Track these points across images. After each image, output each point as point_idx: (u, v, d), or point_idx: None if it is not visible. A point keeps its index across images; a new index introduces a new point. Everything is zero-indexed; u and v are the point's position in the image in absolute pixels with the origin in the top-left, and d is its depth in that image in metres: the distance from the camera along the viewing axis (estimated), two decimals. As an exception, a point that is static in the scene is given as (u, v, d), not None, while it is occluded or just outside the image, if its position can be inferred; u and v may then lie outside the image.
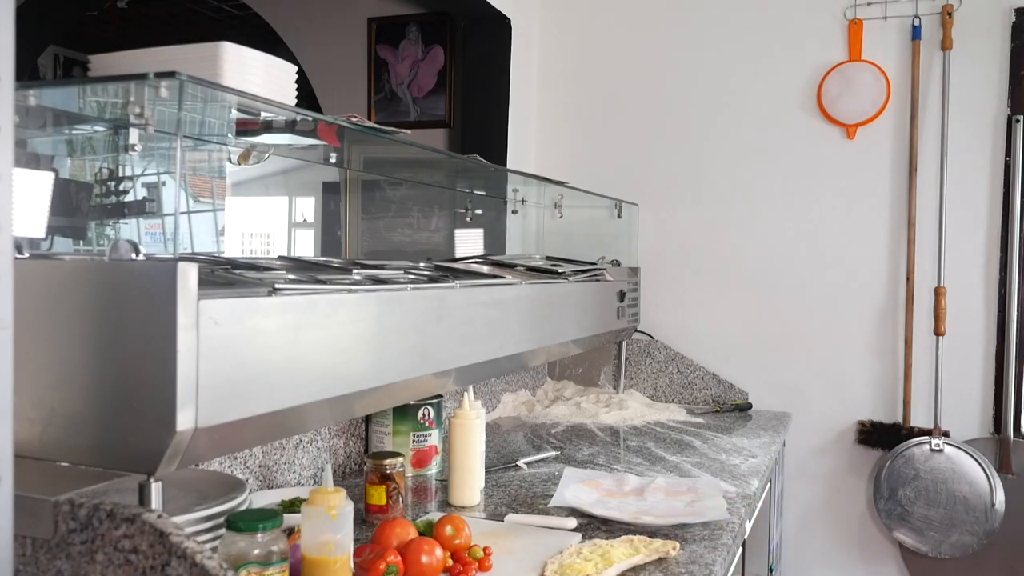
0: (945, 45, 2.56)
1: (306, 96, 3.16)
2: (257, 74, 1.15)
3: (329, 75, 3.27)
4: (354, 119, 1.34)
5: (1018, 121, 2.51)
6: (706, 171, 2.87)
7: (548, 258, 2.44)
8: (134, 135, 1.14)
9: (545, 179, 2.39)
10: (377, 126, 1.41)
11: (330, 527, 1.03)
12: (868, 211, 2.69)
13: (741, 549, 1.86)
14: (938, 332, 2.56)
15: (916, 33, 2.60)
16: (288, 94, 1.25)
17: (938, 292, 2.57)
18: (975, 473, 2.48)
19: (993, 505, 2.45)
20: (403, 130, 1.45)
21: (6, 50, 0.77)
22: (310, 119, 1.39)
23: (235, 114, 1.37)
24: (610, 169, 2.96)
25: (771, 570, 2.43)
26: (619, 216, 2.84)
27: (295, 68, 1.26)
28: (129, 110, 1.05)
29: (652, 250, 2.91)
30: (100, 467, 0.93)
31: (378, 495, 1.52)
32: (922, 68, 2.60)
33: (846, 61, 2.68)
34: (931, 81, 2.60)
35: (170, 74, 0.94)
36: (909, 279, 2.61)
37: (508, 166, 2.73)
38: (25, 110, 1.15)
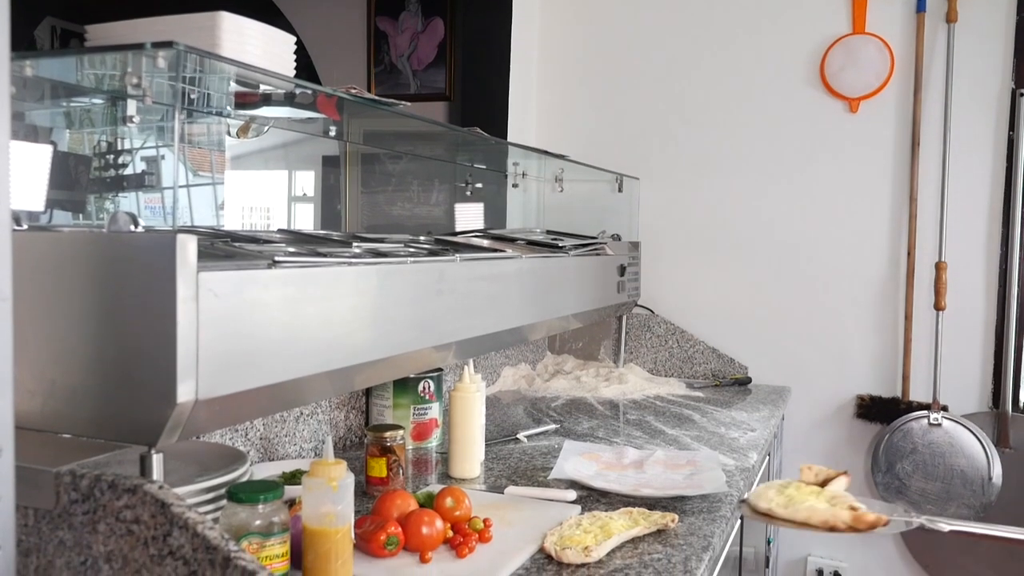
0: (950, 17, 2.53)
1: (305, 68, 3.13)
2: (255, 45, 1.14)
3: (328, 47, 3.24)
4: (353, 90, 1.33)
5: (1022, 95, 2.49)
6: (707, 145, 2.85)
7: (548, 232, 2.44)
8: (132, 107, 1.13)
9: (546, 152, 2.38)
10: (377, 98, 1.40)
11: (331, 498, 1.03)
12: (870, 185, 2.68)
13: (739, 521, 1.87)
14: (938, 307, 2.56)
15: (921, 5, 2.57)
16: (287, 65, 1.24)
17: (939, 267, 2.56)
18: (973, 447, 2.50)
19: (990, 479, 2.46)
20: (403, 102, 1.44)
21: (1, 21, 0.76)
22: (309, 91, 1.38)
23: (233, 86, 1.36)
24: (611, 143, 2.94)
25: (769, 542, 2.45)
26: (620, 190, 2.83)
27: (293, 39, 1.25)
28: (127, 81, 1.04)
29: (653, 224, 2.91)
30: (101, 439, 0.94)
31: (379, 467, 1.53)
32: (926, 41, 2.57)
33: (850, 34, 2.66)
34: (935, 54, 2.58)
35: (167, 44, 0.93)
36: (910, 254, 2.61)
37: (508, 139, 2.71)
38: (22, 81, 1.14)
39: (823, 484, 1.21)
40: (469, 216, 2.75)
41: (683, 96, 2.87)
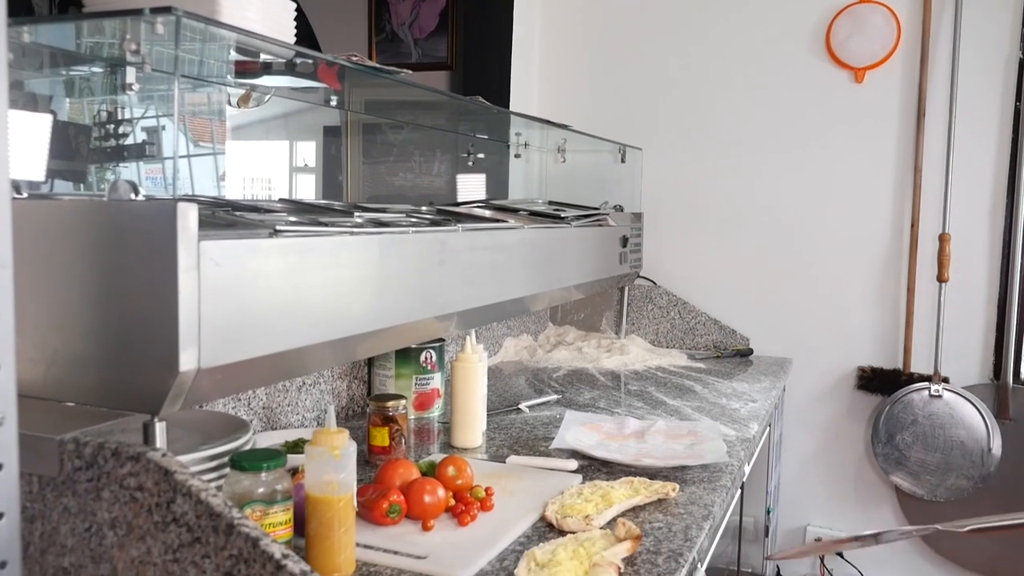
0: (958, -14, 2.50)
1: (305, 36, 3.10)
2: (255, 11, 1.13)
3: (328, 15, 3.21)
4: (355, 58, 1.32)
5: (1030, 64, 2.46)
6: (711, 115, 2.83)
7: (551, 203, 2.43)
8: (131, 74, 1.12)
9: (548, 122, 2.36)
10: (378, 66, 1.39)
11: (333, 467, 1.04)
12: (874, 156, 2.66)
13: (740, 491, 1.89)
14: (941, 279, 2.56)
15: (929, -27, 2.54)
16: (287, 33, 1.22)
17: (942, 239, 2.55)
18: (973, 418, 2.50)
19: (990, 450, 2.47)
20: (404, 70, 1.43)
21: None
22: (310, 60, 1.36)
23: (233, 55, 1.35)
24: (614, 113, 2.93)
25: (768, 512, 2.47)
26: (623, 161, 2.81)
27: (294, 6, 1.23)
28: (125, 47, 1.03)
29: (655, 195, 2.89)
30: (104, 407, 0.94)
31: (381, 436, 1.54)
32: (934, 9, 2.54)
33: (857, 2, 2.62)
34: (942, 23, 2.55)
35: (165, 9, 0.92)
36: (914, 225, 2.60)
37: (511, 109, 2.69)
38: (21, 49, 1.13)
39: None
40: (471, 186, 2.74)
41: (687, 65, 2.85)
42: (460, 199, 2.61)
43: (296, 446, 1.46)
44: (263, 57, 1.35)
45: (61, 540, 0.91)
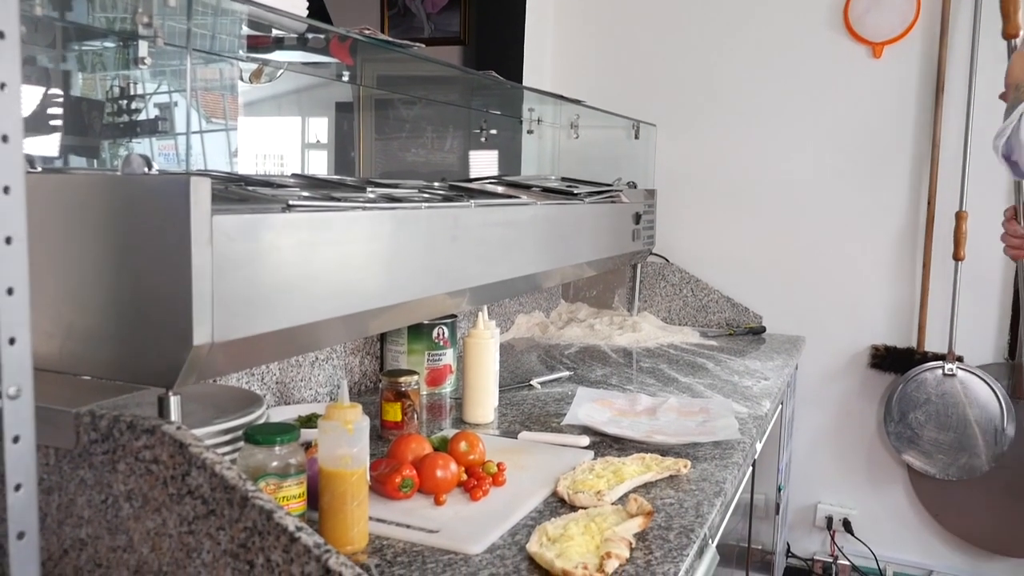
0: (979, -42, 2.46)
1: (317, 12, 3.08)
2: (267, -16, 1.12)
3: (341, -10, 3.19)
4: (367, 32, 1.31)
5: (1051, 39, 2.42)
6: (726, 91, 2.80)
7: (563, 179, 2.42)
8: (143, 48, 1.12)
9: (561, 97, 2.34)
10: (390, 39, 1.38)
11: (346, 441, 1.04)
12: (891, 133, 2.63)
13: (751, 468, 1.89)
14: (957, 257, 2.54)
15: (949, -54, 2.49)
16: (299, 6, 1.22)
17: (959, 216, 2.53)
18: (987, 398, 2.49)
19: (1003, 429, 2.46)
20: (417, 44, 1.42)
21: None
22: (322, 34, 1.36)
23: (246, 29, 1.35)
24: (628, 89, 2.90)
25: (779, 489, 2.48)
26: (636, 137, 2.79)
27: (306, -21, 1.22)
28: (137, 21, 1.03)
29: (669, 172, 2.88)
30: (120, 380, 0.95)
31: (393, 412, 1.54)
32: (954, -17, 2.51)
33: (875, -25, 2.59)
34: (963, -3, 2.51)
35: (178, -18, 0.91)
36: (930, 203, 2.57)
37: (524, 84, 2.67)
38: (33, 23, 1.13)
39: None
40: (483, 162, 2.73)
41: (702, 40, 2.82)
42: (472, 175, 2.60)
43: (309, 421, 1.47)
44: (275, 32, 1.34)
45: (78, 512, 0.92)
